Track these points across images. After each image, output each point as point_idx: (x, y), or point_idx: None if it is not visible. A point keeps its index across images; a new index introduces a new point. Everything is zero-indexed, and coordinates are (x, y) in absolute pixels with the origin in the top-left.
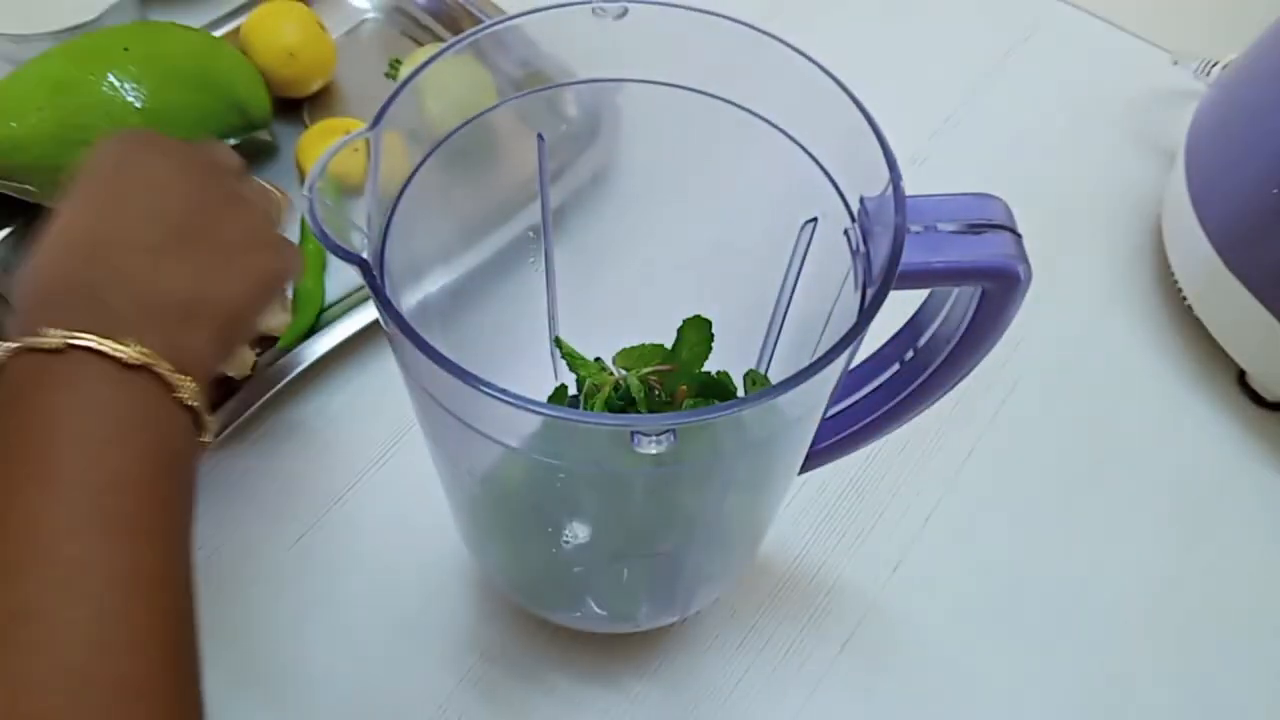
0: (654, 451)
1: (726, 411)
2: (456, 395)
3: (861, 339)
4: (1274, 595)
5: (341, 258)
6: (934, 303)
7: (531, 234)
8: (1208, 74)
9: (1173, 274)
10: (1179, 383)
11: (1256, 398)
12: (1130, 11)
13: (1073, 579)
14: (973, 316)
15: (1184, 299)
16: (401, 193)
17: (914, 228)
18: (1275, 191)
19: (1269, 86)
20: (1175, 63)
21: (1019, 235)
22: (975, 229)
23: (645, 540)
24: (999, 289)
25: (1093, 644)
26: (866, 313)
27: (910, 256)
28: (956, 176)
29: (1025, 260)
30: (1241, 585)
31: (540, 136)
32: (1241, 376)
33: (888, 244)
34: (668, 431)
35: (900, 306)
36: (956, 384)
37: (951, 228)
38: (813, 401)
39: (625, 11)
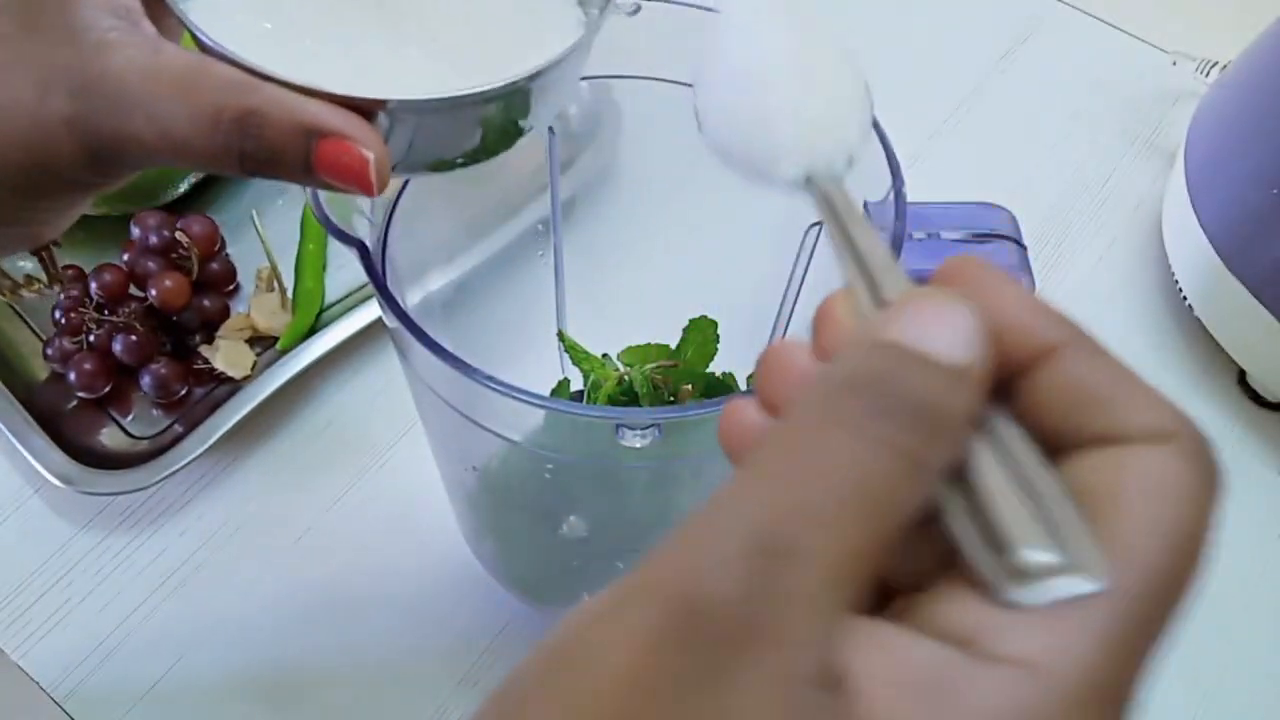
0: (638, 445)
1: (716, 408)
2: (454, 387)
3: None
4: (1275, 595)
5: (341, 240)
6: None
7: (540, 227)
8: (1208, 74)
9: (1173, 274)
10: (1179, 383)
11: (1257, 398)
12: (1130, 11)
13: None
14: None
15: (1184, 299)
16: (406, 184)
17: (917, 235)
18: (1275, 192)
19: (1269, 87)
20: (1175, 63)
21: (1024, 247)
22: (979, 238)
23: (644, 535)
24: None
25: None
26: None
27: (911, 263)
28: (956, 177)
29: (1029, 272)
30: (1242, 585)
31: (551, 130)
32: (1242, 377)
33: None
34: (652, 426)
35: None
36: None
37: (955, 236)
38: None
39: (638, 9)
